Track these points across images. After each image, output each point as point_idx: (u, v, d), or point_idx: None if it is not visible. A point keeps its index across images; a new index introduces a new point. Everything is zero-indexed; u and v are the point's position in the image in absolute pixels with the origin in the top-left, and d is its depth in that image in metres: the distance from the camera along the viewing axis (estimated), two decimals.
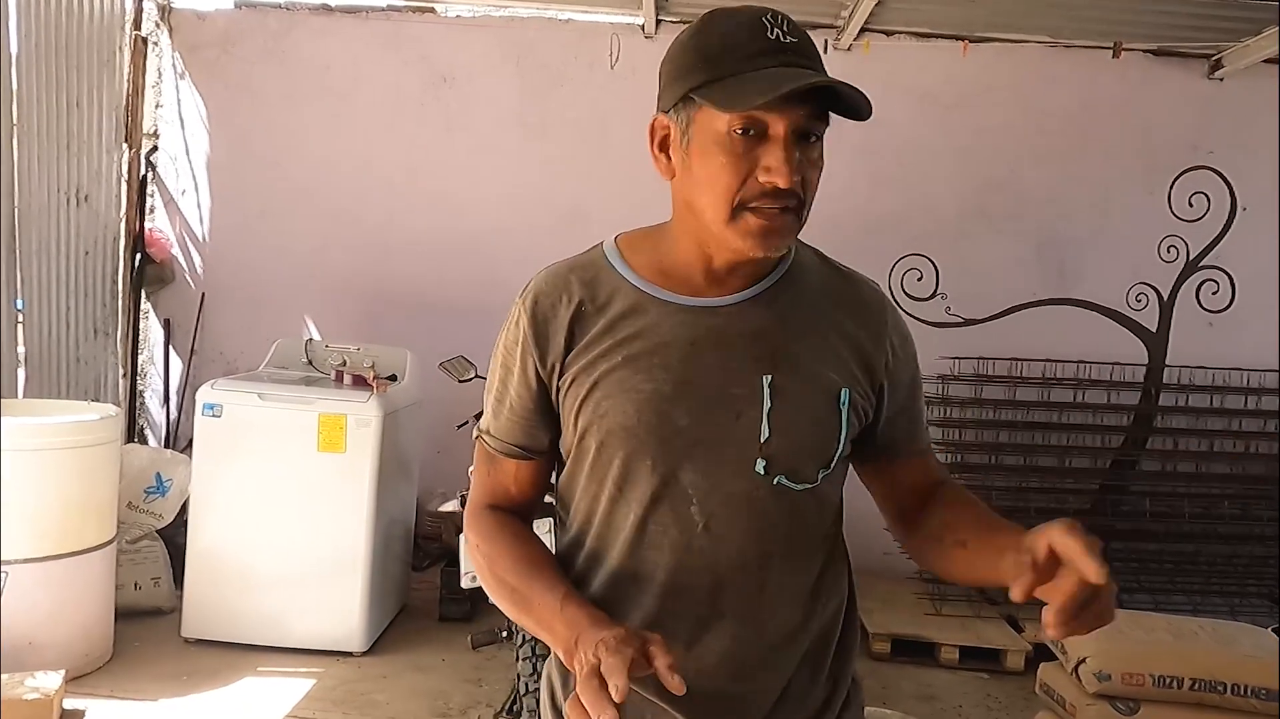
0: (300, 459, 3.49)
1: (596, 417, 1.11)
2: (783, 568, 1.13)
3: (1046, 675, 3.01)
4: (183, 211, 4.84)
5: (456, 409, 3.56)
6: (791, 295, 1.14)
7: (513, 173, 4.73)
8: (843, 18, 4.42)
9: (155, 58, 4.79)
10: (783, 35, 1.03)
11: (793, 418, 1.10)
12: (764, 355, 1.10)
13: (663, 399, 1.09)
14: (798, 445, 1.10)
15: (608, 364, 1.11)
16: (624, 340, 1.11)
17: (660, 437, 1.09)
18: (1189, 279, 4.38)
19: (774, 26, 1.03)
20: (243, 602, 3.52)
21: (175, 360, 4.82)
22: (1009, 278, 4.57)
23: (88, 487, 3.26)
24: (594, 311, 1.13)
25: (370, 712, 3.17)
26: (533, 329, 1.15)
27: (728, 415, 1.09)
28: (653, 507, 1.11)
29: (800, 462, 1.11)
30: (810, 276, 1.17)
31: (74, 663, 3.15)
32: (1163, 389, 4.45)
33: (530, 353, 1.15)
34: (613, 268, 1.15)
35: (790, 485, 1.11)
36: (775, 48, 1.03)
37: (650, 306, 1.12)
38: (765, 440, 1.09)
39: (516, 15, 4.72)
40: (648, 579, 1.12)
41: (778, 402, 1.09)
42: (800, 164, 1.03)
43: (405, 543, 4.12)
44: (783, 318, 1.13)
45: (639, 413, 1.09)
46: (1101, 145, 4.67)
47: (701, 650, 1.12)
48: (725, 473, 1.09)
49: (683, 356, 1.10)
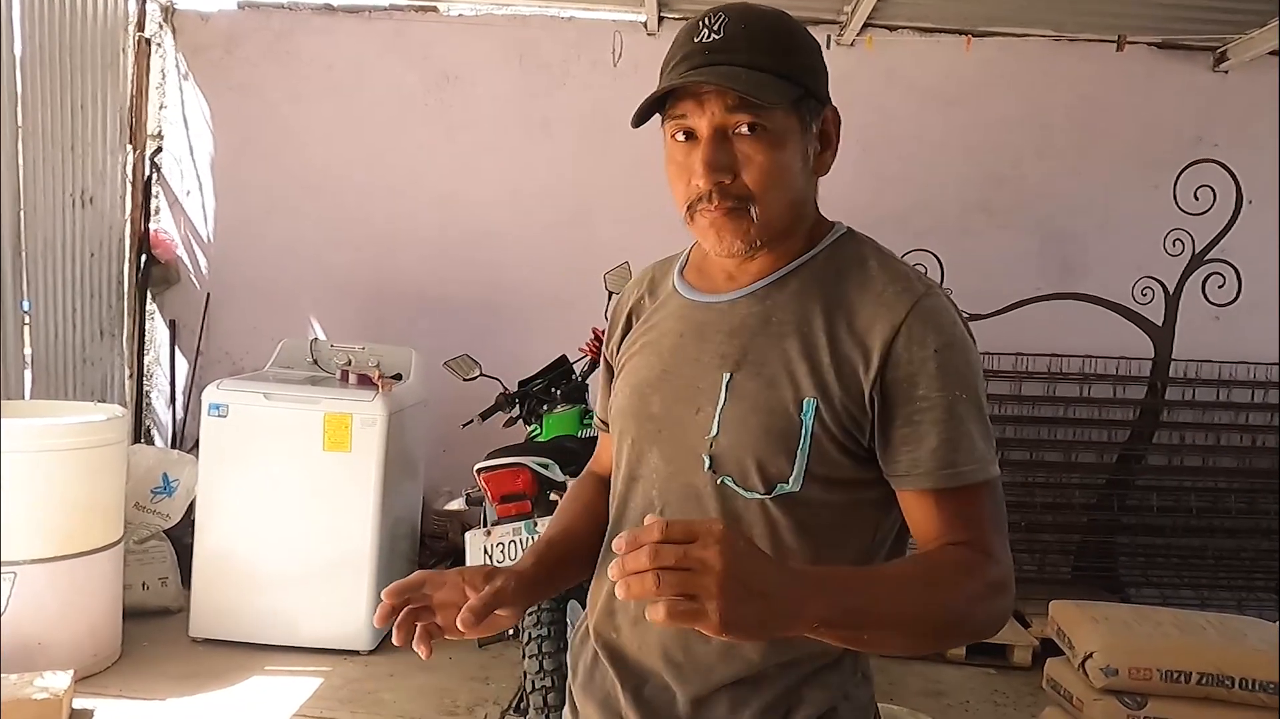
0: (306, 459, 3.50)
1: (616, 398, 1.21)
2: None
3: (1053, 671, 3.01)
4: (187, 212, 4.85)
5: (462, 408, 3.57)
6: (788, 294, 1.09)
7: (516, 171, 4.73)
8: (845, 13, 4.41)
9: (159, 59, 4.80)
10: (709, 34, 1.04)
11: (745, 420, 1.06)
12: (731, 353, 1.09)
13: (645, 385, 1.15)
14: (743, 448, 1.06)
15: (632, 351, 1.20)
16: (647, 330, 1.20)
17: (638, 420, 1.15)
18: (1195, 273, 4.37)
19: (706, 27, 1.05)
20: (250, 601, 3.53)
21: (181, 361, 4.83)
22: (1013, 273, 4.56)
23: (95, 487, 3.27)
24: (649, 305, 1.22)
25: (377, 710, 3.18)
26: (611, 317, 1.29)
27: (689, 408, 1.10)
28: (629, 486, 1.17)
29: (747, 466, 1.06)
30: (825, 274, 1.09)
31: (83, 663, 3.16)
32: (1169, 383, 4.43)
33: (609, 337, 1.28)
34: (677, 266, 1.22)
35: (737, 490, 1.06)
36: (695, 50, 1.04)
37: (672, 301, 1.19)
38: (713, 437, 1.07)
39: (519, 13, 4.72)
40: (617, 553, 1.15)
41: (732, 401, 1.07)
42: (730, 160, 1.03)
43: (411, 542, 4.13)
44: (767, 317, 1.09)
45: (629, 397, 1.17)
46: (1106, 139, 4.66)
47: (644, 627, 1.12)
48: (680, 464, 1.10)
49: (670, 347, 1.15)
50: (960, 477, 1.02)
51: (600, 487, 1.30)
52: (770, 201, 1.05)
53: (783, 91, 1.03)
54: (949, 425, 1.02)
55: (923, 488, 1.02)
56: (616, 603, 1.15)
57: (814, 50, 1.10)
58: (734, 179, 1.04)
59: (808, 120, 1.07)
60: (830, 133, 1.11)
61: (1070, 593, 3.56)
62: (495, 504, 2.89)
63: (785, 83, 1.04)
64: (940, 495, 1.02)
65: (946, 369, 1.03)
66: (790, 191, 1.07)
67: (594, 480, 1.33)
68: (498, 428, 3.45)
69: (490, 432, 3.47)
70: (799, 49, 1.08)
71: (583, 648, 1.22)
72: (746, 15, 1.06)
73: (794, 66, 1.05)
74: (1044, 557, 4.42)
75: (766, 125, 1.03)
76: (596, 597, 1.20)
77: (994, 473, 1.04)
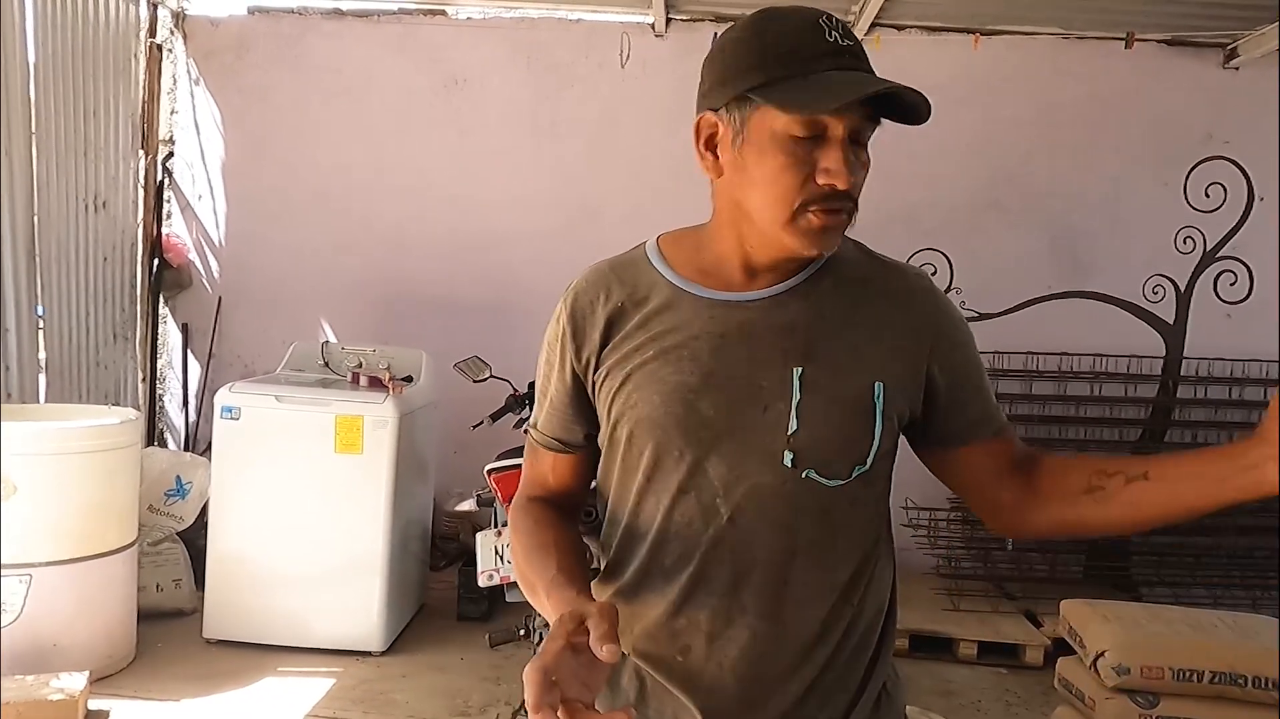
0: (318, 460, 3.51)
1: (627, 408, 1.13)
2: (808, 565, 1.11)
3: (1065, 670, 3.00)
4: (199, 216, 4.88)
5: (472, 409, 3.58)
6: (827, 288, 1.13)
7: (525, 173, 4.74)
8: (853, 12, 4.41)
9: (170, 64, 4.83)
10: (840, 38, 1.04)
11: (823, 411, 1.08)
12: (794, 348, 1.10)
13: (689, 390, 1.10)
14: (827, 439, 1.08)
15: (640, 358, 1.13)
16: (657, 335, 1.13)
17: (686, 427, 1.10)
18: (1206, 270, 4.35)
19: (831, 29, 1.04)
20: (263, 602, 3.55)
21: (193, 364, 4.86)
22: (1023, 271, 4.55)
23: (109, 490, 3.29)
24: (631, 308, 1.15)
25: (389, 711, 3.19)
26: (571, 325, 1.18)
27: (755, 408, 1.09)
28: (679, 497, 1.11)
29: (830, 455, 1.09)
30: (848, 269, 1.15)
31: (98, 664, 3.18)
32: (1180, 381, 4.42)
33: (568, 348, 1.18)
34: (652, 265, 1.17)
35: (821, 480, 1.09)
36: (834, 50, 1.03)
37: (684, 302, 1.14)
38: (793, 433, 1.07)
39: (526, 16, 4.73)
40: (672, 570, 1.13)
41: (807, 394, 1.08)
42: (855, 166, 1.04)
43: (423, 543, 4.14)
44: (818, 311, 1.11)
45: (665, 404, 1.11)
46: (1115, 137, 4.64)
47: (723, 643, 1.11)
48: (751, 465, 1.09)
49: (711, 350, 1.11)
50: (1004, 419, 1.20)
51: (558, 513, 1.22)
52: (856, 209, 1.08)
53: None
54: (985, 380, 1.20)
55: (1002, 432, 1.18)
56: (680, 623, 1.12)
57: None
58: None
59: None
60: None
61: (1082, 592, 3.56)
62: (506, 505, 2.90)
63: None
64: (1008, 433, 1.19)
65: (970, 338, 1.19)
66: None
67: (545, 509, 1.22)
68: (508, 429, 3.46)
69: (500, 433, 3.48)
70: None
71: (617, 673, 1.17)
72: (844, 23, 1.07)
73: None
74: (1056, 556, 4.40)
75: (869, 138, 1.07)
76: (637, 622, 1.15)
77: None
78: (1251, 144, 4.45)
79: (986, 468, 1.17)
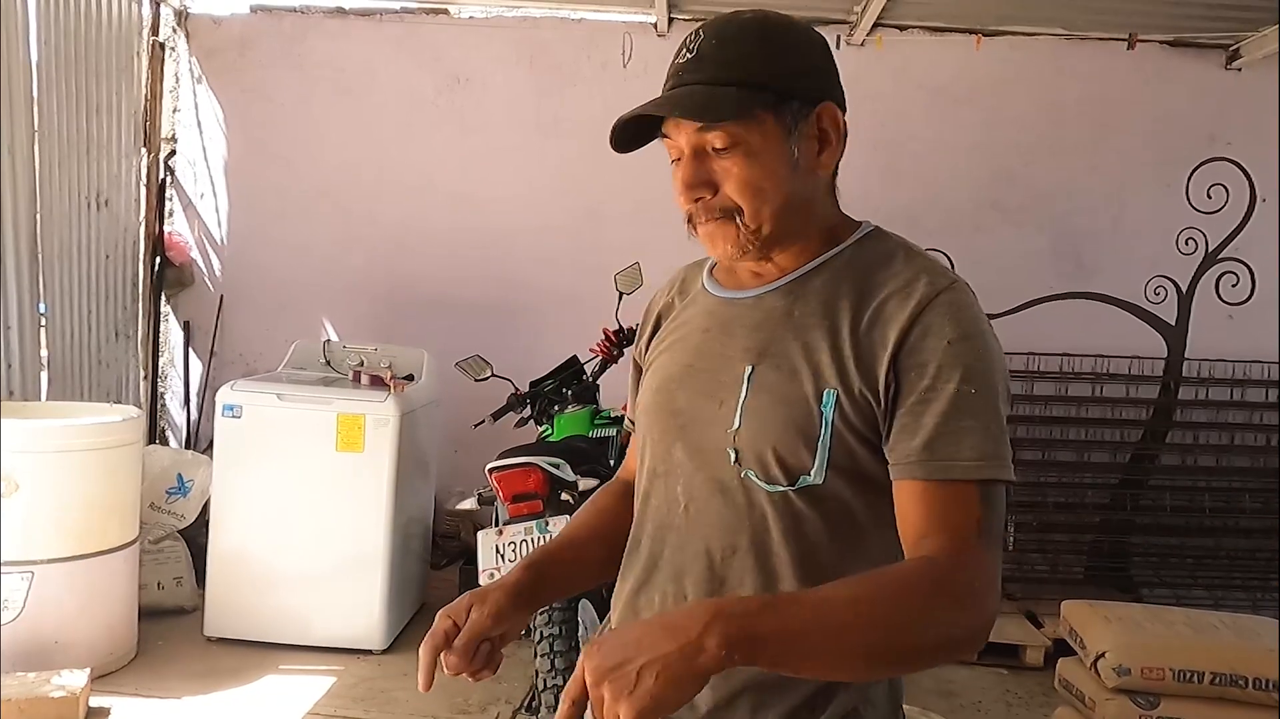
0: (319, 459, 3.52)
1: (642, 395, 1.22)
2: (748, 568, 1.07)
3: (1065, 671, 3.00)
4: (201, 215, 4.89)
5: (473, 408, 3.58)
6: (815, 287, 1.10)
7: (527, 172, 4.75)
8: (855, 13, 4.41)
9: (172, 63, 4.84)
10: (686, 54, 1.06)
11: (766, 411, 1.05)
12: (754, 346, 1.09)
13: (670, 380, 1.16)
14: (765, 440, 1.05)
15: (659, 349, 1.22)
16: (674, 329, 1.21)
17: (662, 416, 1.16)
18: (1208, 271, 4.35)
19: (685, 47, 1.07)
20: (264, 600, 3.55)
21: (195, 362, 4.87)
22: (1025, 272, 4.55)
23: (111, 488, 3.29)
24: (677, 305, 1.24)
25: (390, 709, 3.20)
26: (644, 318, 1.30)
27: (713, 402, 1.10)
28: (653, 482, 1.16)
29: (768, 458, 1.05)
30: (852, 269, 1.09)
31: (99, 661, 3.19)
32: (1182, 383, 4.42)
33: (641, 338, 1.30)
34: (708, 266, 1.23)
35: (759, 483, 1.05)
36: (671, 73, 1.08)
37: (701, 300, 1.20)
38: (736, 430, 1.07)
39: (529, 15, 4.74)
40: (641, 552, 1.17)
41: (754, 393, 1.07)
42: (707, 176, 1.07)
43: (424, 541, 4.14)
44: (790, 310, 1.09)
45: (655, 393, 1.18)
46: (1117, 138, 4.64)
47: None
48: (706, 457, 1.10)
49: (695, 343, 1.16)
50: (950, 469, 0.96)
51: (623, 492, 1.27)
52: (756, 210, 1.07)
53: (747, 102, 1.03)
54: (950, 417, 0.97)
55: (912, 477, 0.98)
56: (641, 602, 1.15)
57: (803, 50, 1.08)
58: (715, 193, 1.07)
59: (791, 123, 1.05)
60: (828, 131, 1.08)
61: (1083, 592, 3.56)
62: (507, 504, 2.90)
63: (757, 92, 1.03)
64: (927, 488, 0.97)
65: (958, 361, 0.99)
66: (779, 196, 1.07)
67: (618, 486, 1.31)
68: (509, 428, 3.47)
69: (502, 432, 3.48)
70: (781, 53, 1.06)
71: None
72: (725, 29, 1.06)
73: (772, 72, 1.04)
74: (1056, 556, 4.41)
75: (739, 139, 1.04)
76: (623, 602, 1.18)
77: (994, 475, 0.97)
78: (1253, 145, 4.45)
79: (899, 510, 1.00)
